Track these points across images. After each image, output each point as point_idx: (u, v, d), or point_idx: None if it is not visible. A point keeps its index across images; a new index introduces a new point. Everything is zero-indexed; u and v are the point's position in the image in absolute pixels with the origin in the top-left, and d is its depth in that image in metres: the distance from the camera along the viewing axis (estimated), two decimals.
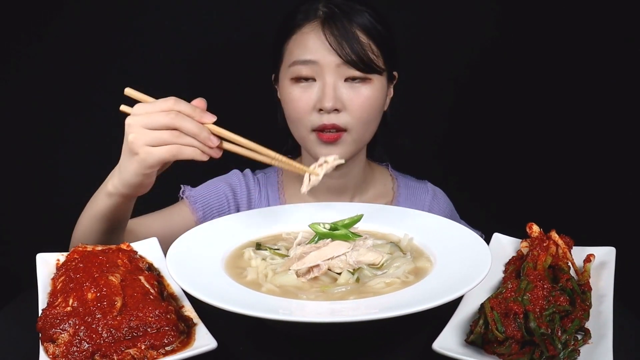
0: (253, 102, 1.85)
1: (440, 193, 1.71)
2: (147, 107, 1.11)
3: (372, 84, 1.45)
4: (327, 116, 1.42)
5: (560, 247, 1.10)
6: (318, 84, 1.43)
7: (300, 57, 1.44)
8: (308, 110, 1.44)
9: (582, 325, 0.93)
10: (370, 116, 1.47)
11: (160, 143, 1.09)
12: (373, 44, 1.44)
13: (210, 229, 1.17)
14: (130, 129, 1.11)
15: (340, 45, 1.41)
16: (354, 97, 1.43)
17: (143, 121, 1.09)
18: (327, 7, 1.45)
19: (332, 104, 1.41)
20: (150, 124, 1.09)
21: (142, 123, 1.09)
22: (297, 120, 1.47)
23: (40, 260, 1.10)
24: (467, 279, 0.93)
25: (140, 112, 1.10)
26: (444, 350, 0.88)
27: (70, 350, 0.89)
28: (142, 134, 1.09)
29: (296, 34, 1.46)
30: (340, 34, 1.41)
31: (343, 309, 0.91)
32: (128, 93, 1.14)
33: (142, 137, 1.09)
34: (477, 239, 1.08)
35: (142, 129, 1.09)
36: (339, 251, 1.03)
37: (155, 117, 1.08)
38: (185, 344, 0.92)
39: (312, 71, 1.43)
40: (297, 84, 1.45)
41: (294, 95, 1.45)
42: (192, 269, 1.00)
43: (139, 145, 1.10)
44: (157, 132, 1.08)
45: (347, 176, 1.58)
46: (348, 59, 1.41)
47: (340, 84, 1.43)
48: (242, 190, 1.60)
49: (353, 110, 1.43)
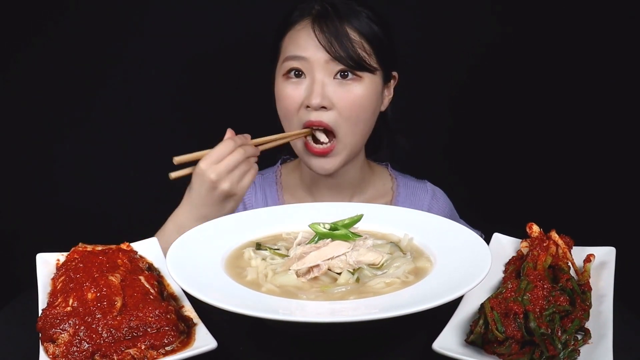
0: (253, 102, 1.85)
1: (439, 193, 1.71)
2: (213, 156, 1.27)
3: (362, 82, 1.45)
4: (315, 113, 1.43)
5: (560, 247, 1.10)
6: (308, 81, 1.44)
7: (291, 53, 1.45)
8: (297, 107, 1.45)
9: (582, 325, 0.93)
10: (359, 116, 1.46)
11: (243, 173, 1.29)
12: (365, 43, 1.44)
13: (210, 229, 1.17)
14: (217, 181, 1.27)
15: (329, 42, 1.41)
16: (343, 95, 1.43)
17: (222, 168, 1.27)
18: (321, 5, 1.46)
19: (319, 101, 1.41)
20: (229, 167, 1.27)
21: (223, 170, 1.27)
22: (289, 119, 1.48)
23: (40, 260, 1.10)
24: (467, 279, 0.93)
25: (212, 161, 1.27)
26: (444, 350, 0.88)
27: (70, 350, 0.89)
28: (230, 176, 1.27)
29: (290, 31, 1.48)
30: (330, 32, 1.42)
31: (343, 309, 0.91)
32: (178, 160, 1.29)
33: (230, 178, 1.27)
34: (477, 239, 1.08)
35: (226, 173, 1.27)
36: (339, 251, 1.03)
37: (233, 159, 1.27)
38: (185, 344, 0.92)
39: (302, 67, 1.44)
40: (289, 81, 1.46)
41: (285, 92, 1.46)
42: (192, 269, 1.00)
43: (232, 184, 1.27)
44: (238, 169, 1.28)
45: (346, 175, 1.58)
46: (336, 55, 1.41)
47: (328, 81, 1.43)
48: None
49: (341, 108, 1.43)
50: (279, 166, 1.69)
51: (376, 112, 1.52)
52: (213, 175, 1.26)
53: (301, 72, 1.45)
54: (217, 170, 1.26)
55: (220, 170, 1.26)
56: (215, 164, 1.26)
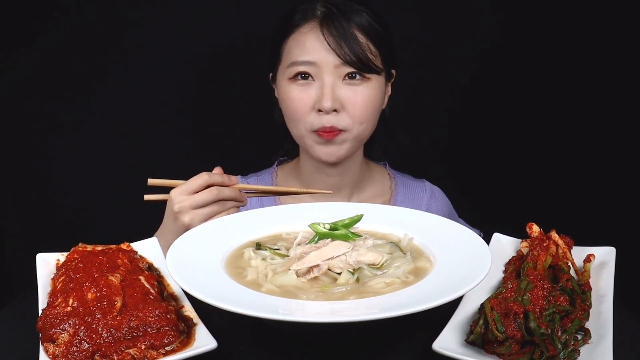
0: (253, 102, 1.85)
1: (438, 191, 1.71)
2: (186, 190, 1.26)
3: (370, 83, 1.45)
4: (327, 117, 1.43)
5: (560, 247, 1.10)
6: (317, 84, 1.43)
7: (298, 57, 1.44)
8: (307, 111, 1.44)
9: (582, 325, 0.93)
10: (369, 116, 1.47)
11: (212, 216, 1.26)
12: (371, 44, 1.44)
13: (210, 229, 1.17)
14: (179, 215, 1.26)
15: (339, 45, 1.41)
16: (352, 97, 1.43)
17: (190, 203, 1.25)
18: (325, 6, 1.45)
19: (330, 104, 1.41)
20: (198, 203, 1.25)
21: (190, 205, 1.25)
22: (296, 120, 1.47)
23: (40, 260, 1.10)
24: (467, 279, 0.93)
25: (181, 195, 1.26)
26: (444, 350, 0.88)
27: (70, 350, 0.89)
28: (194, 214, 1.25)
29: (294, 33, 1.46)
30: (339, 34, 1.41)
31: (343, 309, 0.91)
32: (152, 183, 1.31)
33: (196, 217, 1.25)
34: (477, 238, 1.08)
35: (190, 210, 1.25)
36: (339, 251, 1.03)
37: (199, 197, 1.25)
38: (185, 344, 0.92)
39: (310, 71, 1.43)
40: (296, 84, 1.45)
41: (293, 95, 1.45)
42: (192, 269, 1.00)
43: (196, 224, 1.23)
44: (205, 209, 1.26)
45: (345, 174, 1.58)
46: (347, 59, 1.41)
47: (339, 84, 1.43)
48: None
49: (352, 111, 1.43)
50: (275, 167, 1.68)
51: (380, 110, 1.52)
52: (176, 207, 1.26)
53: (309, 75, 1.44)
54: (182, 203, 1.26)
55: (185, 203, 1.26)
56: (185, 195, 1.26)
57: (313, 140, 1.47)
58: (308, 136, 1.47)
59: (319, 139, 1.46)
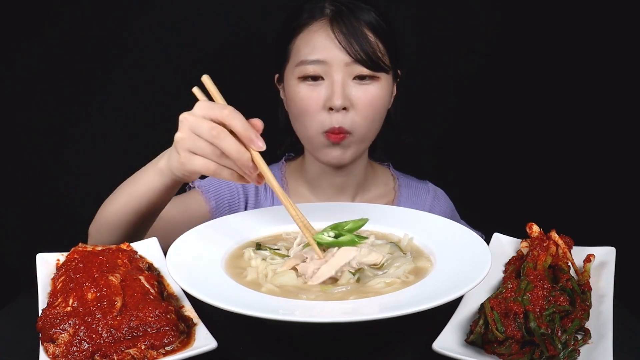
0: (254, 102, 1.84)
1: (441, 193, 1.72)
2: (204, 109, 1.03)
3: (379, 82, 1.45)
4: (336, 117, 1.42)
5: (560, 247, 1.10)
6: (327, 82, 1.42)
7: (308, 56, 1.43)
8: (317, 109, 1.43)
9: (582, 325, 0.93)
10: (376, 115, 1.46)
11: (201, 154, 1.03)
12: (380, 42, 1.43)
13: (210, 229, 1.17)
14: (180, 125, 1.05)
15: (349, 43, 1.40)
16: (362, 96, 1.43)
17: (192, 124, 1.03)
18: (334, 5, 1.44)
19: (341, 102, 1.40)
20: (196, 130, 1.02)
21: (190, 125, 1.03)
22: (306, 120, 1.45)
23: (40, 260, 1.10)
24: (467, 279, 0.93)
25: (196, 112, 1.03)
26: (444, 350, 0.88)
27: (70, 350, 0.89)
28: (188, 137, 1.03)
29: (303, 32, 1.45)
30: (349, 32, 1.40)
31: (343, 309, 0.91)
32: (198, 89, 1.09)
33: (186, 141, 1.03)
34: (477, 239, 1.08)
35: (189, 131, 1.03)
36: (349, 257, 1.02)
37: (202, 125, 1.01)
38: (185, 344, 0.92)
39: (320, 70, 1.42)
40: (305, 83, 1.44)
41: (303, 94, 1.44)
42: (192, 269, 1.00)
43: (182, 148, 1.05)
44: (200, 142, 1.02)
45: (350, 175, 1.58)
46: (357, 57, 1.40)
47: (349, 82, 1.42)
48: (250, 184, 1.58)
49: (360, 109, 1.43)
50: (283, 162, 1.68)
51: (387, 109, 1.52)
52: (184, 115, 1.06)
53: (318, 77, 1.43)
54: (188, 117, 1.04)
55: (189, 119, 1.04)
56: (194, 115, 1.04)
57: (321, 142, 1.46)
58: (317, 137, 1.46)
59: (327, 142, 1.45)
